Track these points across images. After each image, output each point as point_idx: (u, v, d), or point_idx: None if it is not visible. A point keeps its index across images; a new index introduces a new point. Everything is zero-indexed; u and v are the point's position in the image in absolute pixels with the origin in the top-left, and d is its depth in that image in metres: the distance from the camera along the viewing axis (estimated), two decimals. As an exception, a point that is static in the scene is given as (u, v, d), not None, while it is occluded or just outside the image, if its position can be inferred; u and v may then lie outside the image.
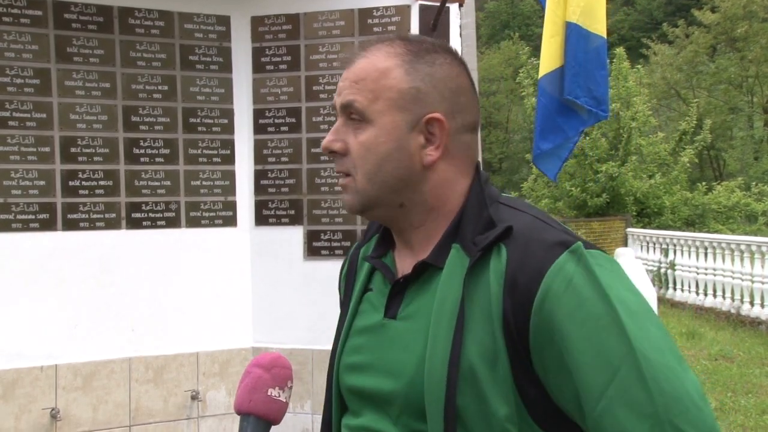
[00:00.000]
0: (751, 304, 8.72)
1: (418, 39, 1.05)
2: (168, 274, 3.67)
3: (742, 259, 8.91)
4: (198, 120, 3.72)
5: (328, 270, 3.66)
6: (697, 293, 9.74)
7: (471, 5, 4.02)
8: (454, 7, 3.65)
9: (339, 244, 3.72)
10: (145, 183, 3.62)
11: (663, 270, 10.58)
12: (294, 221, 3.77)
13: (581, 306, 0.88)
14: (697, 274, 9.77)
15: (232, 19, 3.77)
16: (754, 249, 8.73)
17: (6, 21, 3.37)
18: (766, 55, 23.83)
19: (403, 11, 3.63)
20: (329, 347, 1.17)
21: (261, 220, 3.82)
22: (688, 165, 17.08)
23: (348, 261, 1.21)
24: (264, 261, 3.81)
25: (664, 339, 0.88)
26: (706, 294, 9.60)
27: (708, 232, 14.47)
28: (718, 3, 24.67)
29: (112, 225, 3.57)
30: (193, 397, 3.67)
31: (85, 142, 3.52)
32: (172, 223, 3.68)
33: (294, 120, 3.76)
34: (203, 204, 3.74)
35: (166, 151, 3.66)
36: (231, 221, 3.79)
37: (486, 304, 0.93)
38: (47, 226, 3.45)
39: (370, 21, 3.66)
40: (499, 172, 32.21)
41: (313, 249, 3.76)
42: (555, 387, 0.90)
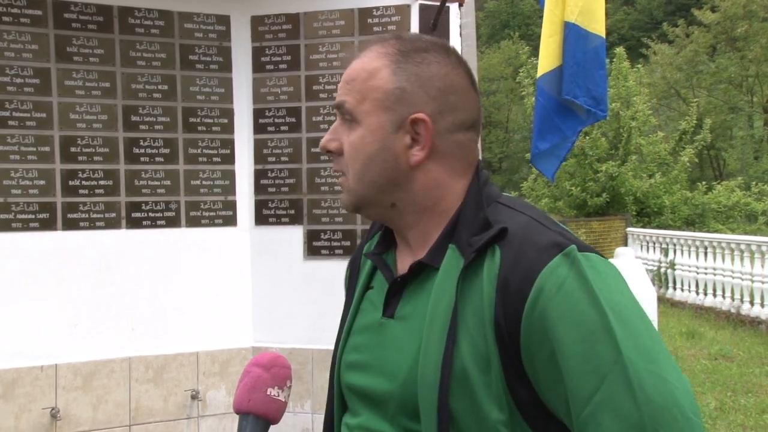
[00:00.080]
0: (751, 303, 8.72)
1: (412, 38, 1.04)
2: (168, 273, 3.67)
3: (742, 259, 8.91)
4: (198, 119, 3.72)
5: (328, 269, 3.67)
6: (697, 293, 9.73)
7: (471, 5, 4.01)
8: (454, 7, 3.65)
9: (339, 243, 3.72)
10: (145, 182, 3.63)
11: (663, 269, 10.58)
12: (294, 221, 3.78)
13: (572, 310, 0.86)
14: (697, 273, 9.76)
15: (232, 19, 3.77)
16: (754, 248, 8.72)
17: (6, 20, 3.37)
18: (766, 55, 23.82)
19: (403, 11, 3.62)
20: (329, 347, 1.17)
21: (261, 219, 3.82)
22: (688, 164, 17.08)
23: (352, 258, 1.21)
24: (264, 260, 3.81)
25: (655, 346, 0.85)
26: (705, 293, 9.59)
27: (708, 231, 14.46)
28: (718, 2, 24.65)
29: (112, 224, 3.57)
30: (193, 397, 3.68)
31: (85, 141, 3.52)
32: (172, 223, 3.68)
33: (294, 119, 3.76)
34: (203, 203, 3.74)
35: (166, 151, 3.67)
36: (231, 221, 3.79)
37: (479, 306, 0.92)
38: (47, 225, 3.46)
39: (370, 21, 3.66)
40: (499, 171, 32.23)
41: (313, 248, 3.76)
42: (546, 390, 0.89)
